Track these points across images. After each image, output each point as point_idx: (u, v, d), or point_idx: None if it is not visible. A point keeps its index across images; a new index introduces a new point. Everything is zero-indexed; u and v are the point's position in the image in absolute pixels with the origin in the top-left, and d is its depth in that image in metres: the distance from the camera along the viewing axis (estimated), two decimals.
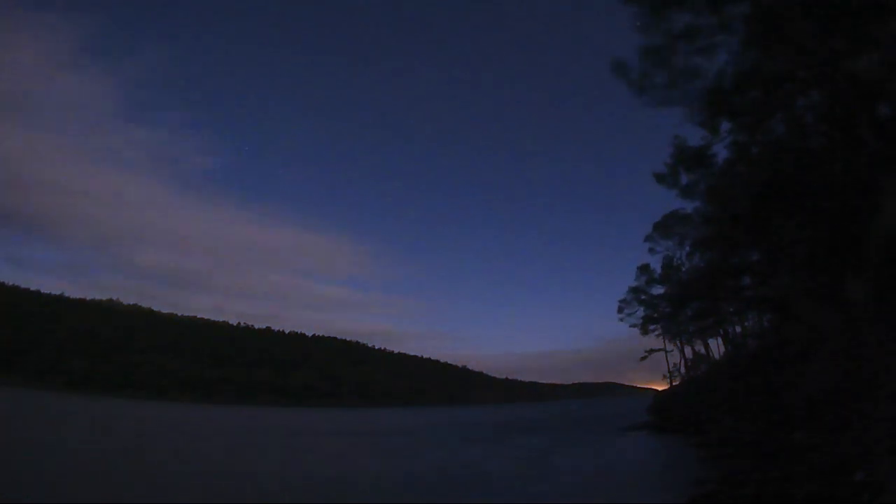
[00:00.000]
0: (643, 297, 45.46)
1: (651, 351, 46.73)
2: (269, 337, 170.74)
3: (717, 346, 40.99)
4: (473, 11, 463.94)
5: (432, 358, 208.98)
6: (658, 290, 44.31)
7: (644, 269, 44.77)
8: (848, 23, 11.39)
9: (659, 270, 43.43)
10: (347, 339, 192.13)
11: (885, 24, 10.34)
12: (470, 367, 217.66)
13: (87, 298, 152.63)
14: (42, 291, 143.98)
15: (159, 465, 17.58)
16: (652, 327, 45.65)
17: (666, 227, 39.50)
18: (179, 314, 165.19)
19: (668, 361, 46.42)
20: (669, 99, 14.35)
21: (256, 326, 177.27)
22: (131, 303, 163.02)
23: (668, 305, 41.72)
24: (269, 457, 23.06)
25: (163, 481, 14.01)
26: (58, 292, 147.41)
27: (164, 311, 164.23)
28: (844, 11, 11.50)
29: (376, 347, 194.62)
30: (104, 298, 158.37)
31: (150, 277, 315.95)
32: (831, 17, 11.73)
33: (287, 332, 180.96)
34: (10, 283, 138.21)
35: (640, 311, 45.84)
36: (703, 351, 42.77)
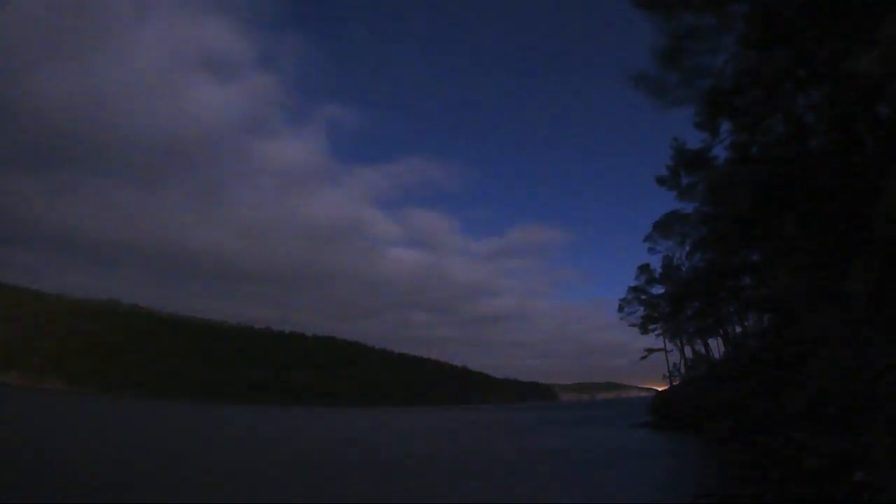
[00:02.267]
0: (643, 296, 45.48)
1: (651, 350, 46.68)
2: (269, 337, 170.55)
3: (717, 346, 40.95)
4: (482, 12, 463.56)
5: (432, 358, 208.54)
6: (658, 289, 44.35)
7: (644, 268, 44.85)
8: (848, 22, 11.38)
9: (659, 270, 43.50)
10: (347, 339, 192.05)
11: (885, 23, 10.32)
12: (470, 368, 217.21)
13: (87, 298, 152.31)
14: (42, 291, 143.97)
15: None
16: (652, 327, 45.60)
17: (666, 226, 39.55)
18: (179, 314, 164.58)
19: (668, 361, 46.31)
20: (682, 99, 14.41)
21: (256, 327, 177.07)
22: (132, 303, 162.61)
23: (667, 305, 41.67)
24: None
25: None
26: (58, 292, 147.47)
27: (165, 311, 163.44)
28: (844, 11, 11.48)
29: (376, 347, 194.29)
30: (104, 298, 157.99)
31: None
32: (831, 17, 11.72)
33: (287, 332, 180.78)
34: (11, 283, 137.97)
35: (640, 311, 45.88)
36: (703, 351, 42.73)
